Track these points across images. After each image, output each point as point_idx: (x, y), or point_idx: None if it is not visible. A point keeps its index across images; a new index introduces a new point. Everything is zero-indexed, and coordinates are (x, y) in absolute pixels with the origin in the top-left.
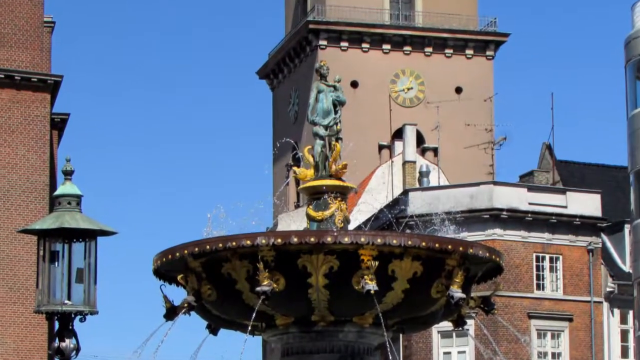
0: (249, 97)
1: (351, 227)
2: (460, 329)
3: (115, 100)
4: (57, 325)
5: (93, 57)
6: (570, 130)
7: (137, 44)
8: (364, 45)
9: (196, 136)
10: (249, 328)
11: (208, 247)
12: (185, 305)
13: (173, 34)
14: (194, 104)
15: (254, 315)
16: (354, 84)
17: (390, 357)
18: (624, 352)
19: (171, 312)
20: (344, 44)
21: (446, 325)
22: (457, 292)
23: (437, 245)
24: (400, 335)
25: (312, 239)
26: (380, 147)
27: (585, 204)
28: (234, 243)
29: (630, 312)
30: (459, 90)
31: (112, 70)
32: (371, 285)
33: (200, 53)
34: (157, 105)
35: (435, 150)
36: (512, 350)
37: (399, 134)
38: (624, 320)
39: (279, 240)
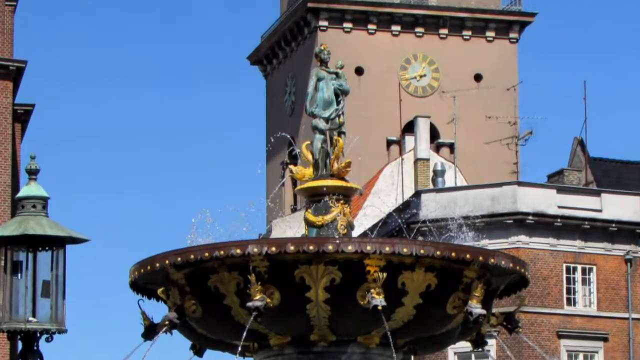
0: (239, 85)
1: (355, 233)
2: (480, 349)
3: (86, 89)
4: (20, 345)
5: (61, 40)
6: (605, 123)
7: (112, 25)
8: (370, 26)
9: (180, 130)
10: (239, 349)
11: (192, 256)
12: (167, 322)
13: (152, 14)
14: (177, 93)
15: (244, 334)
16: (359, 71)
17: None
18: None
19: (150, 331)
20: (347, 25)
21: (464, 345)
22: (476, 308)
23: (453, 254)
24: (412, 356)
25: (311, 248)
26: (389, 143)
27: (623, 207)
28: (222, 252)
29: None
30: (478, 77)
31: (83, 55)
32: (378, 300)
33: (184, 36)
34: (135, 96)
35: (451, 146)
36: None
37: (410, 128)
38: None
39: (274, 249)
